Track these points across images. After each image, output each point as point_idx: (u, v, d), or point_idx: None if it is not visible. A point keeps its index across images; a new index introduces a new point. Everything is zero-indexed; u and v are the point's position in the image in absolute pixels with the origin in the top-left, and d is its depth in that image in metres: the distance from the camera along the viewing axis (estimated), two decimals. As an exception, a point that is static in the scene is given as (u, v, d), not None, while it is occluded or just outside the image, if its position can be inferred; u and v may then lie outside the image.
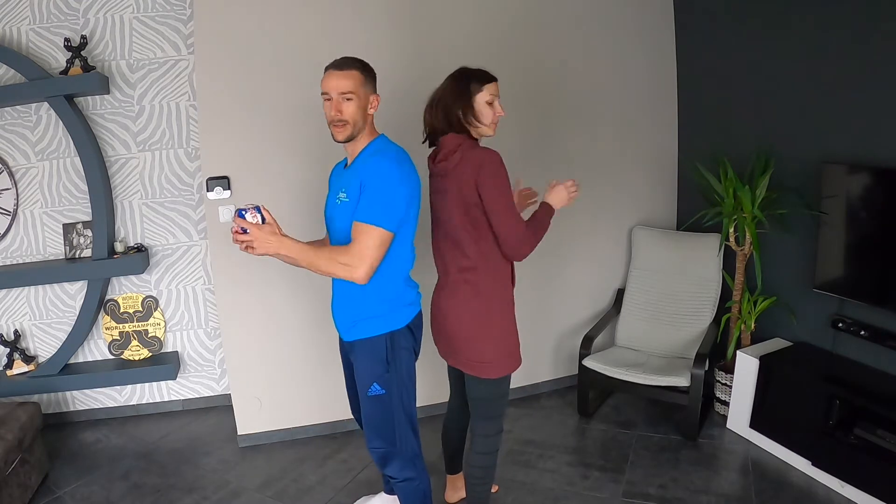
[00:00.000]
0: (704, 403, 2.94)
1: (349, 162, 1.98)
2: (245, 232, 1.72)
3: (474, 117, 2.01)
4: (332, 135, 1.90)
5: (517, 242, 1.98)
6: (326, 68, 1.89)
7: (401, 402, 1.99)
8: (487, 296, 2.06)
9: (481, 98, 2.00)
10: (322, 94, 1.88)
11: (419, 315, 2.08)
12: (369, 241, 1.79)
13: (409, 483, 2.07)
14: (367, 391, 1.98)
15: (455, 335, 2.12)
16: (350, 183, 1.89)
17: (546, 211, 2.10)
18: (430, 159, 2.13)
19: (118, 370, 3.26)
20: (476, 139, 2.05)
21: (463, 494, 2.54)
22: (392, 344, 1.96)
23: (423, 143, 2.14)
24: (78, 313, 3.25)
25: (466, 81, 2.01)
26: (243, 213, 1.73)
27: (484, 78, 2.02)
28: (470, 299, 2.06)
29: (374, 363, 1.96)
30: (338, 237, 1.96)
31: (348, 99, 1.84)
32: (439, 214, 2.11)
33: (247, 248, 1.74)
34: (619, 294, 3.52)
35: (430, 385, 3.15)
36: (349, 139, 1.90)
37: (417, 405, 2.09)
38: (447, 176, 2.00)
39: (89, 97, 3.17)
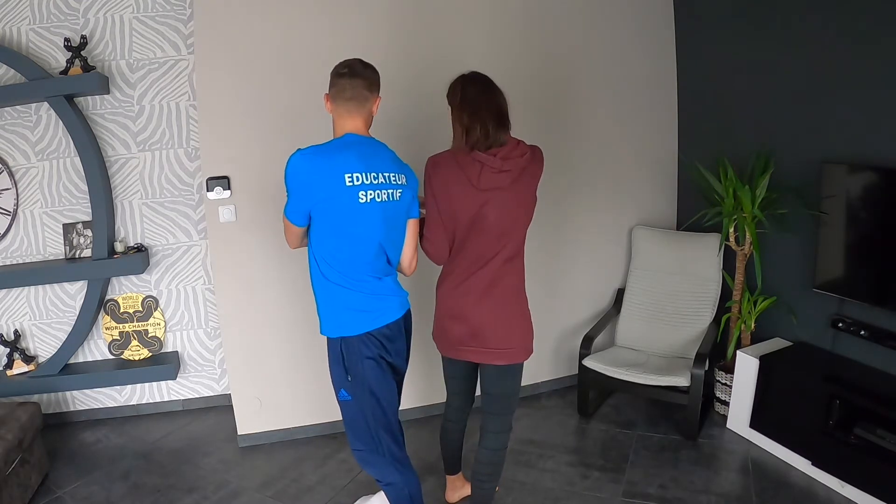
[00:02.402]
0: (704, 403, 2.94)
1: None
2: None
3: None
4: None
5: None
6: None
7: (371, 412, 1.97)
8: (523, 281, 2.16)
9: None
10: None
11: (393, 325, 2.00)
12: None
13: (392, 487, 2.07)
14: (338, 396, 2.01)
15: (501, 326, 2.08)
16: None
17: None
18: (474, 159, 1.98)
19: (118, 370, 3.26)
20: None
21: (465, 493, 2.53)
22: (346, 350, 1.93)
23: (475, 144, 1.98)
24: (78, 313, 3.25)
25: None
26: None
27: None
28: (518, 286, 2.13)
29: (336, 367, 1.98)
30: None
31: None
32: (493, 210, 2.00)
33: None
34: (619, 294, 3.52)
35: (430, 385, 3.14)
36: None
37: (417, 405, 2.08)
38: (517, 172, 2.00)
39: (89, 97, 3.17)
